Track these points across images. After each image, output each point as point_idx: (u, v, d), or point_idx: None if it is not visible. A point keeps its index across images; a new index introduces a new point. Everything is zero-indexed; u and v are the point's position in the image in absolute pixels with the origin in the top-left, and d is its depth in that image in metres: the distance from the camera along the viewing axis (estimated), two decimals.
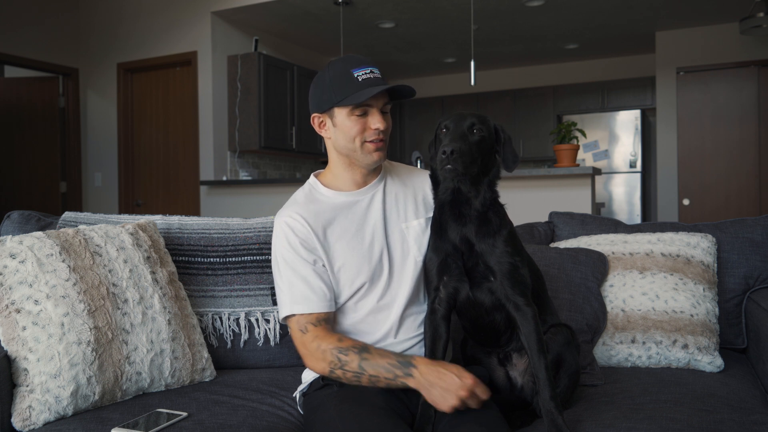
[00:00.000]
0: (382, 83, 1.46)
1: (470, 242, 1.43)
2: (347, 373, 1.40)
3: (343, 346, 1.41)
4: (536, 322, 1.41)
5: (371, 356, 1.38)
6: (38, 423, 1.37)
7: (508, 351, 1.55)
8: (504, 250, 1.43)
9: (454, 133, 1.41)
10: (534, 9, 5.90)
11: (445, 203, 1.46)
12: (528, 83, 8.34)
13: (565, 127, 4.44)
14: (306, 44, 7.16)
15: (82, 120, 6.42)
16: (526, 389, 1.54)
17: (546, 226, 2.25)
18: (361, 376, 1.38)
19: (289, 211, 1.52)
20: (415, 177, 1.66)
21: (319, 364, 1.43)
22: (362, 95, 1.42)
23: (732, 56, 6.36)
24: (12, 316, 1.42)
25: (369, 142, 1.49)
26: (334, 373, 1.42)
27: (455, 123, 1.43)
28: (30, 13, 5.88)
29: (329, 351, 1.41)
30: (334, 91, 1.46)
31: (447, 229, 1.46)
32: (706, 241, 1.97)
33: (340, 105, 1.46)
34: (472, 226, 1.43)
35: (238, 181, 5.58)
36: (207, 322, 1.80)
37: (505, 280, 1.42)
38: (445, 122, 1.46)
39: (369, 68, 1.46)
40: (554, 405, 1.35)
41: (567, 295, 1.85)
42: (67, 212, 1.90)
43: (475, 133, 1.42)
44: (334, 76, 1.47)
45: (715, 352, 1.78)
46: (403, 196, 1.60)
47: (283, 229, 1.51)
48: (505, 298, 1.42)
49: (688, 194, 6.51)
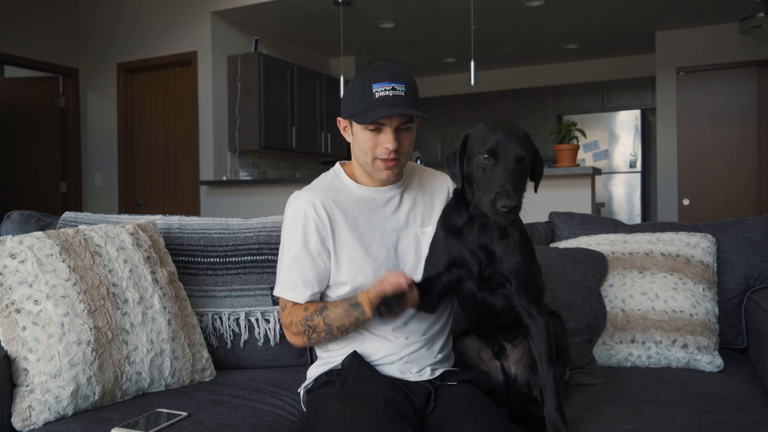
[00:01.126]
0: (402, 102, 1.42)
1: (490, 250, 1.42)
2: (320, 335, 1.48)
3: (308, 314, 1.49)
4: (549, 331, 1.42)
5: (329, 311, 1.47)
6: (38, 423, 1.37)
7: (502, 342, 1.57)
8: (523, 260, 1.42)
9: (509, 174, 1.30)
10: (534, 9, 5.90)
11: (476, 216, 1.43)
12: (528, 83, 8.35)
13: (565, 127, 4.44)
14: (306, 44, 7.16)
15: (82, 120, 6.42)
16: (520, 379, 1.55)
17: (546, 226, 2.25)
18: (331, 329, 1.47)
19: (308, 196, 1.53)
20: (436, 182, 1.65)
21: (297, 337, 1.53)
22: (368, 115, 1.42)
23: (732, 56, 6.36)
24: (12, 316, 1.42)
25: (380, 159, 1.47)
26: (311, 340, 1.51)
27: (505, 152, 1.31)
28: (30, 13, 5.88)
29: (299, 322, 1.49)
30: (354, 102, 1.47)
31: (467, 235, 1.44)
32: (706, 241, 1.97)
33: (353, 119, 1.47)
34: (493, 234, 1.42)
35: (238, 181, 5.58)
36: (207, 322, 1.80)
37: (522, 288, 1.42)
38: (490, 144, 1.32)
39: (392, 84, 1.42)
40: (560, 416, 1.36)
41: (567, 295, 1.85)
42: (67, 212, 1.90)
43: (524, 165, 1.34)
44: (357, 86, 1.46)
45: (714, 352, 1.78)
46: (422, 200, 1.59)
47: (297, 212, 1.52)
48: (521, 306, 1.43)
49: (688, 194, 6.51)
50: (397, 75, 1.44)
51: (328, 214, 1.50)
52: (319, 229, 1.50)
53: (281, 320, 1.57)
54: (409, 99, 1.44)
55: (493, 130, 1.35)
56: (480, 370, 1.56)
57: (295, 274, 1.51)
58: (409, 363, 1.51)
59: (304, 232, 1.50)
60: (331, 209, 1.51)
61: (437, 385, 1.49)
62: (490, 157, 1.33)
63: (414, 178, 1.62)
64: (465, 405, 1.40)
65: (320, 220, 1.50)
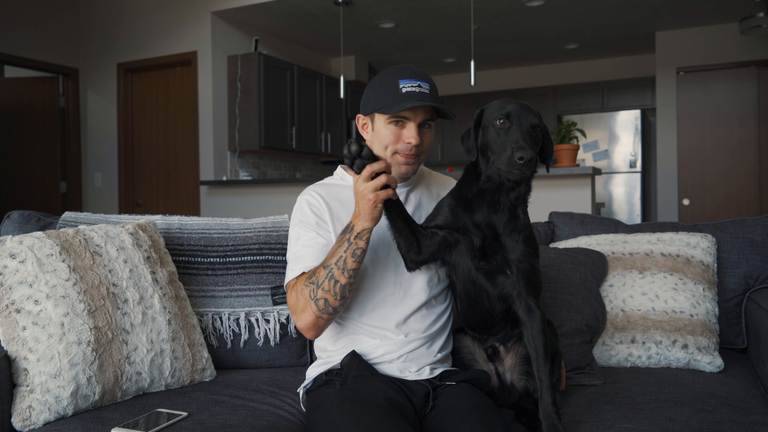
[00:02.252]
0: (427, 98, 1.48)
1: (496, 231, 1.43)
2: (325, 284, 1.40)
3: (309, 274, 1.45)
4: (544, 325, 1.42)
5: (328, 258, 1.42)
6: (38, 423, 1.37)
7: (494, 344, 1.57)
8: (527, 250, 1.44)
9: (525, 133, 1.36)
10: (534, 9, 5.90)
11: (486, 191, 1.44)
12: (528, 83, 8.35)
13: (565, 127, 4.45)
14: (306, 44, 7.16)
15: (82, 120, 6.42)
16: (518, 386, 1.55)
17: (546, 226, 2.25)
18: (332, 271, 1.39)
19: (311, 189, 1.60)
20: (443, 186, 1.67)
21: (305, 314, 1.44)
22: (397, 106, 1.46)
23: (732, 56, 6.36)
24: (12, 316, 1.42)
25: (400, 154, 1.51)
26: (318, 304, 1.42)
27: (519, 118, 1.38)
28: (30, 13, 5.88)
29: (302, 288, 1.44)
30: (378, 97, 1.51)
31: (475, 210, 1.45)
32: (706, 241, 1.97)
33: (379, 112, 1.50)
34: (503, 216, 1.43)
35: (238, 181, 5.58)
36: (207, 322, 1.80)
37: (522, 278, 1.43)
38: (506, 110, 1.39)
39: (418, 81, 1.49)
40: (554, 410, 1.36)
41: (566, 296, 1.85)
42: (67, 212, 1.90)
43: (537, 132, 1.40)
44: (382, 83, 1.52)
45: (714, 352, 1.78)
46: (427, 201, 1.62)
47: (301, 205, 1.57)
48: (518, 296, 1.43)
49: (688, 194, 6.51)
50: (423, 75, 1.51)
51: (329, 204, 1.55)
52: (321, 213, 1.54)
53: (289, 306, 1.51)
54: (433, 96, 1.50)
55: (508, 101, 1.43)
56: (480, 370, 1.56)
57: (301, 260, 1.51)
58: (408, 362, 1.51)
59: (307, 218, 1.54)
60: (332, 200, 1.56)
61: (436, 384, 1.49)
62: (506, 121, 1.38)
63: (422, 180, 1.65)
64: (465, 405, 1.39)
65: (321, 208, 1.55)
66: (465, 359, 1.61)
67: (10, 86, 6.33)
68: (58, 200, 6.24)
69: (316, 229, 1.53)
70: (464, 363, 1.61)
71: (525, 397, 1.54)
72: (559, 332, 1.78)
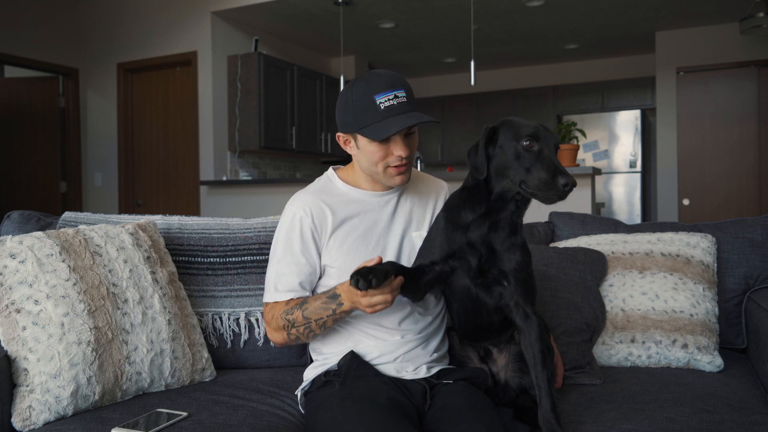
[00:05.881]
0: (407, 108, 1.42)
1: (492, 247, 1.43)
2: (299, 329, 1.48)
3: (288, 308, 1.50)
4: (542, 331, 1.43)
5: (308, 304, 1.47)
6: (38, 423, 1.37)
7: (487, 346, 1.57)
8: (523, 259, 1.44)
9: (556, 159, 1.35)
10: (534, 9, 5.90)
11: (492, 210, 1.43)
12: (528, 83, 8.34)
13: (565, 127, 4.45)
14: (306, 44, 7.16)
15: (82, 120, 6.42)
16: (512, 384, 1.55)
17: (546, 226, 2.25)
18: (310, 324, 1.47)
19: (301, 201, 1.55)
20: (433, 187, 1.66)
21: (277, 333, 1.54)
22: (382, 131, 1.40)
23: (732, 56, 6.36)
24: (12, 316, 1.42)
25: (392, 167, 1.48)
26: (291, 336, 1.51)
27: (547, 140, 1.36)
28: (30, 13, 5.88)
29: (279, 317, 1.51)
30: (356, 117, 1.43)
31: (474, 228, 1.44)
32: (706, 241, 1.97)
33: (364, 136, 1.44)
34: (502, 233, 1.43)
35: (238, 181, 5.58)
36: (207, 322, 1.80)
37: (520, 287, 1.43)
38: (531, 131, 1.36)
39: (393, 92, 1.41)
40: (554, 416, 1.35)
41: (566, 295, 1.85)
42: (67, 212, 1.90)
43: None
44: (357, 100, 1.43)
45: (714, 352, 1.78)
46: (419, 205, 1.60)
47: (286, 217, 1.55)
48: (515, 305, 1.43)
49: (688, 194, 6.51)
50: (395, 81, 1.44)
51: (320, 218, 1.52)
52: (311, 231, 1.51)
53: (264, 316, 1.58)
54: (411, 103, 1.45)
55: (527, 121, 1.40)
56: (477, 368, 1.56)
57: (281, 278, 1.53)
58: (405, 362, 1.51)
59: (289, 236, 1.53)
60: (323, 212, 1.52)
61: (433, 383, 1.49)
62: (534, 142, 1.36)
63: (411, 184, 1.62)
64: (463, 404, 1.40)
65: (312, 223, 1.51)
66: (458, 356, 1.62)
67: (10, 86, 6.33)
68: (58, 200, 6.24)
69: (300, 254, 1.52)
70: (459, 360, 1.61)
71: (522, 395, 1.54)
72: (559, 331, 1.78)
